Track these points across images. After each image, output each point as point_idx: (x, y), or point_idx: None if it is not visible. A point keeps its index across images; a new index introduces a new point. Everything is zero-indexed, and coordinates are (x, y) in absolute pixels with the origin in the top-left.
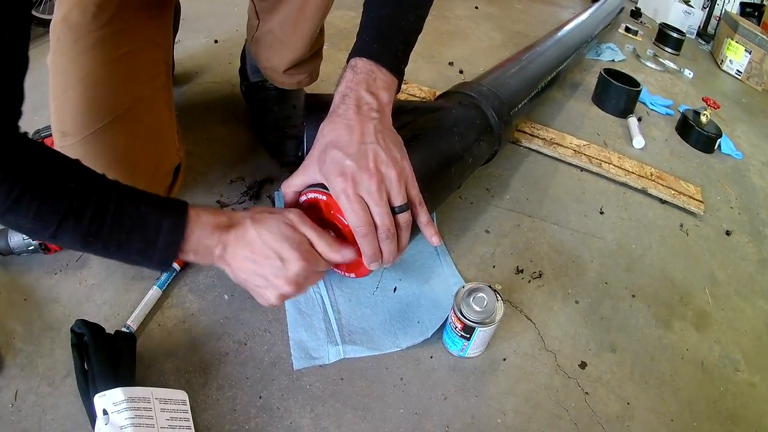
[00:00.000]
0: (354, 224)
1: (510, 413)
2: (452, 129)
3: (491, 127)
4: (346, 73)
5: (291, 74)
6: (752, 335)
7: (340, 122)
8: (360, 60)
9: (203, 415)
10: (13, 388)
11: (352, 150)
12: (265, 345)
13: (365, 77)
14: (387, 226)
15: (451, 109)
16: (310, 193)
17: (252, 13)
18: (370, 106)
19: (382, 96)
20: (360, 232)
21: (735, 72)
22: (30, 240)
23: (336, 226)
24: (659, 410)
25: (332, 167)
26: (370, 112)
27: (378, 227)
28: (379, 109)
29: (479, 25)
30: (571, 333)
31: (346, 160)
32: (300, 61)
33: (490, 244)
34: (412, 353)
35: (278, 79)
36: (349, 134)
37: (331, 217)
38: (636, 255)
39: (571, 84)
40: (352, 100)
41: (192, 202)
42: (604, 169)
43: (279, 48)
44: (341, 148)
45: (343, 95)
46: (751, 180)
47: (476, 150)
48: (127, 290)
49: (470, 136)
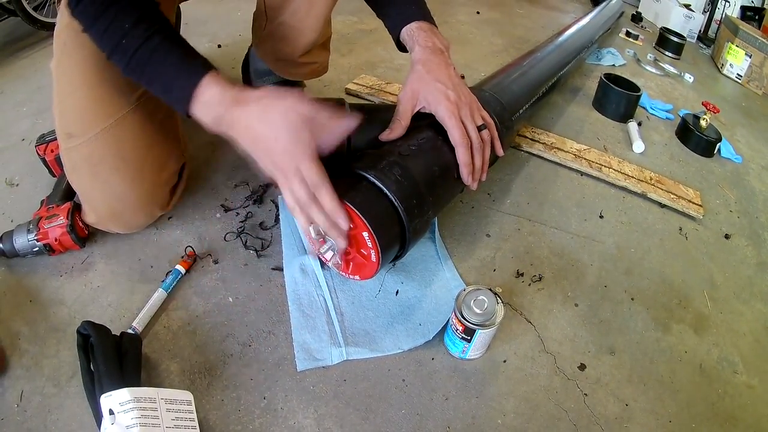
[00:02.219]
0: (457, 138)
1: (510, 414)
2: None
3: None
4: (416, 32)
5: (304, 63)
6: (751, 338)
7: (436, 62)
8: (421, 22)
9: (208, 416)
10: (19, 389)
11: (450, 85)
12: (269, 346)
13: (432, 32)
14: (478, 140)
15: None
16: None
17: (260, 12)
18: (445, 53)
19: (445, 42)
20: (462, 143)
21: (735, 76)
22: (35, 242)
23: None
24: (658, 412)
25: (439, 95)
26: (448, 57)
27: (473, 141)
28: (449, 54)
29: (480, 30)
30: (570, 335)
31: (448, 90)
32: (313, 47)
33: (490, 248)
34: (414, 355)
35: (292, 71)
36: (445, 72)
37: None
38: (635, 258)
39: (572, 89)
40: (436, 48)
41: (197, 206)
42: (604, 174)
43: (293, 36)
44: (443, 82)
45: (425, 46)
46: (751, 184)
47: None
48: (132, 292)
49: None
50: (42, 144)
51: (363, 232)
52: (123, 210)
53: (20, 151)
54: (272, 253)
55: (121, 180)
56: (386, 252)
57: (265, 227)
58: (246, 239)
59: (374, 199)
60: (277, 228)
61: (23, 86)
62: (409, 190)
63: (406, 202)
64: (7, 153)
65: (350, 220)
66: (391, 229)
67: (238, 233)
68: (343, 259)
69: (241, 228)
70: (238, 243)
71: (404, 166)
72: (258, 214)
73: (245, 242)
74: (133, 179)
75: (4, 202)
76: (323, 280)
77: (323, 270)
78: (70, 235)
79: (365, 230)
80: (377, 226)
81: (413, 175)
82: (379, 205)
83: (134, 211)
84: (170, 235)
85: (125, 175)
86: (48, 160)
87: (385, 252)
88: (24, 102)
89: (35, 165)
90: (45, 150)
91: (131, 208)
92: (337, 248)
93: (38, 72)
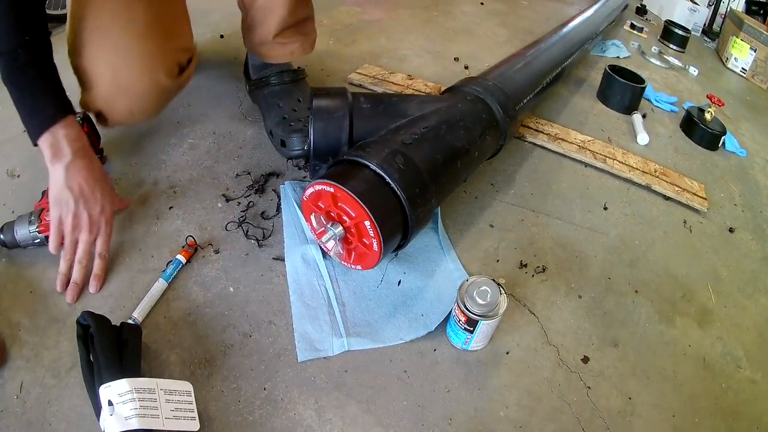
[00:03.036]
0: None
1: (512, 406)
2: (458, 123)
3: (497, 121)
4: None
5: (281, 43)
6: (754, 332)
7: None
8: None
9: (208, 406)
10: (19, 380)
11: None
12: (269, 337)
13: None
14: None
15: (457, 103)
16: (317, 185)
17: (240, 6)
18: None
19: None
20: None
21: (740, 70)
22: (36, 233)
23: (342, 217)
24: (661, 405)
25: None
26: None
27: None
28: None
29: (485, 21)
30: (573, 327)
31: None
32: (286, 25)
33: (494, 239)
34: (416, 346)
35: (270, 53)
36: None
37: (338, 208)
38: (639, 251)
39: (576, 80)
40: None
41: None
42: (608, 165)
43: (265, 16)
44: None
45: None
46: (755, 177)
47: (482, 144)
48: (132, 282)
49: (476, 130)
50: None
51: (365, 221)
52: (128, 71)
53: (21, 143)
54: (274, 242)
55: (128, 37)
56: (388, 242)
57: (266, 217)
58: (247, 229)
59: (376, 188)
60: (278, 218)
61: None
62: (412, 178)
63: (409, 191)
64: (9, 145)
65: (352, 209)
66: (393, 219)
67: (239, 223)
68: (344, 249)
69: (242, 217)
70: (239, 233)
71: (407, 154)
72: (259, 204)
73: (246, 232)
74: (139, 35)
75: (5, 194)
76: (325, 270)
77: (325, 260)
78: None
79: (367, 219)
80: (379, 215)
81: (416, 163)
82: (381, 194)
83: (139, 72)
84: (171, 225)
85: (132, 33)
86: None
87: (387, 241)
88: None
89: (36, 156)
90: None
91: (136, 66)
92: (338, 236)
93: None
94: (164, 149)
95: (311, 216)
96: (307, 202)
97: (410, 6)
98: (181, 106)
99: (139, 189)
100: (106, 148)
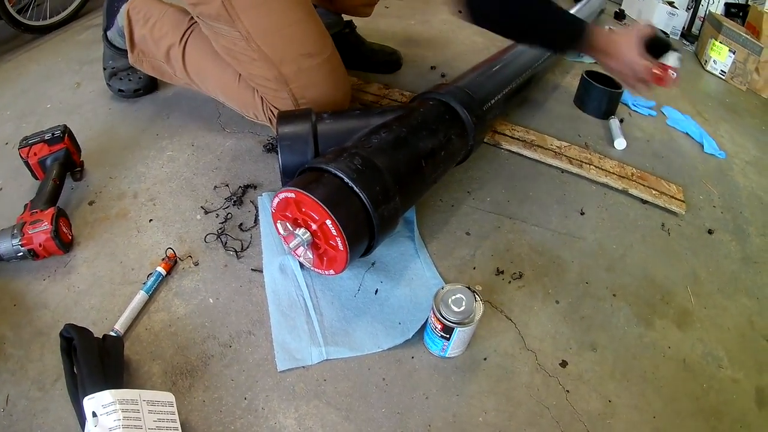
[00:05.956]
0: None
1: (491, 412)
2: (420, 125)
3: (462, 121)
4: None
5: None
6: (735, 332)
7: None
8: None
9: (190, 417)
10: (5, 393)
11: None
12: (249, 347)
13: None
14: None
15: (418, 107)
16: (281, 194)
17: None
18: None
19: None
20: None
21: (719, 72)
22: (19, 247)
23: (308, 222)
24: (641, 407)
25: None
26: None
27: None
28: None
29: (462, 29)
30: (551, 332)
31: None
32: None
33: (470, 246)
34: (394, 354)
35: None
36: None
37: (303, 214)
38: (617, 255)
39: (553, 86)
40: None
41: (177, 208)
42: (585, 170)
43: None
44: None
45: None
46: (735, 179)
47: (447, 144)
48: (114, 295)
49: (439, 130)
50: (25, 147)
51: (326, 221)
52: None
53: (3, 155)
54: (252, 254)
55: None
56: (354, 240)
57: (244, 228)
58: (226, 240)
59: (336, 189)
60: (256, 229)
61: (7, 90)
62: (372, 177)
63: (369, 190)
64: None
65: (314, 212)
66: (356, 218)
67: (218, 235)
68: (315, 255)
69: (221, 229)
70: (218, 244)
71: (365, 156)
72: (238, 216)
73: (225, 243)
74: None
75: None
76: (303, 280)
77: (302, 270)
78: (55, 241)
79: (328, 218)
80: (339, 213)
81: (376, 164)
82: (341, 194)
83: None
84: (151, 237)
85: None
86: (31, 163)
87: (352, 240)
88: (7, 105)
89: (18, 169)
90: (28, 153)
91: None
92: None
93: (22, 76)
94: (144, 161)
95: (277, 223)
96: (276, 213)
97: (388, 15)
98: (160, 117)
99: (120, 202)
100: (86, 161)
